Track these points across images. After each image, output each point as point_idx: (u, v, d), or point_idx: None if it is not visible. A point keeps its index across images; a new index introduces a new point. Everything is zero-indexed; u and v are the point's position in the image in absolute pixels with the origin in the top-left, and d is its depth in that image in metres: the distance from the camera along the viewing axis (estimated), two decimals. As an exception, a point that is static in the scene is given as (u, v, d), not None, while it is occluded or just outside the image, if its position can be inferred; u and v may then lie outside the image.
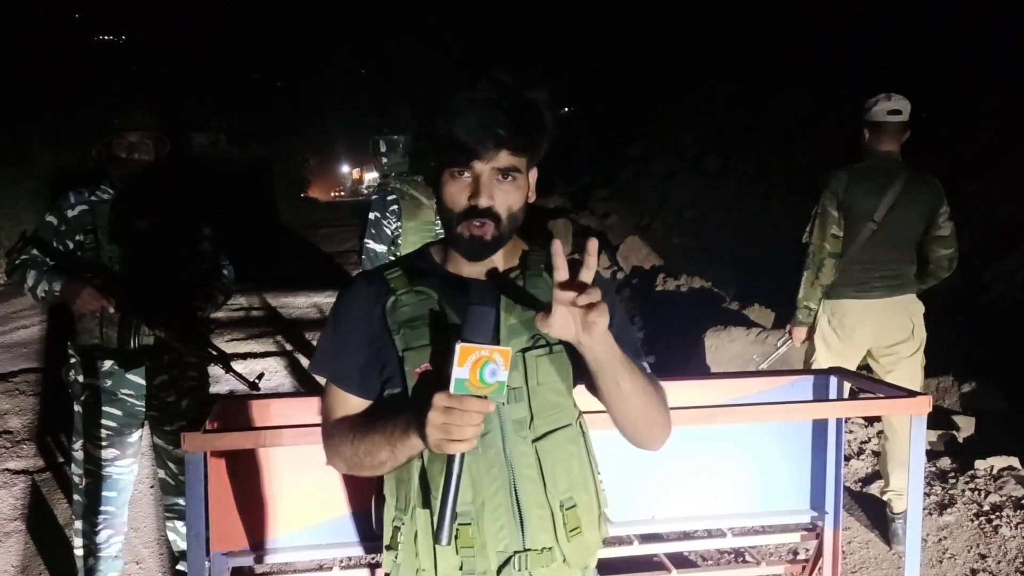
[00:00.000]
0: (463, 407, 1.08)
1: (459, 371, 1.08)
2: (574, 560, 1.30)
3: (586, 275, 1.11)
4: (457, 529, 1.21)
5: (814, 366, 3.35)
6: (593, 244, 1.13)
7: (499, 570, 1.25)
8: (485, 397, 1.09)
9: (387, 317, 1.29)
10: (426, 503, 1.25)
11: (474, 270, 1.32)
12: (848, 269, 3.31)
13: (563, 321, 1.12)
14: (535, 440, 1.28)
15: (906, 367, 3.33)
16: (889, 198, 3.24)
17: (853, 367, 3.36)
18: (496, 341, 1.18)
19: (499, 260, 1.33)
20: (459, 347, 1.08)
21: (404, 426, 1.17)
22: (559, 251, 1.11)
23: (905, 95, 3.32)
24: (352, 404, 1.34)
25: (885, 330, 3.33)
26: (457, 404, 1.08)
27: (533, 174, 1.33)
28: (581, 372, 1.34)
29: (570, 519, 1.29)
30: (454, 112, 1.20)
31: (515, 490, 1.26)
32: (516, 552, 1.26)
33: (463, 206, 1.24)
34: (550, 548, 1.28)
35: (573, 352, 1.28)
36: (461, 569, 1.25)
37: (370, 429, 1.25)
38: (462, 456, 1.12)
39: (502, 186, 1.24)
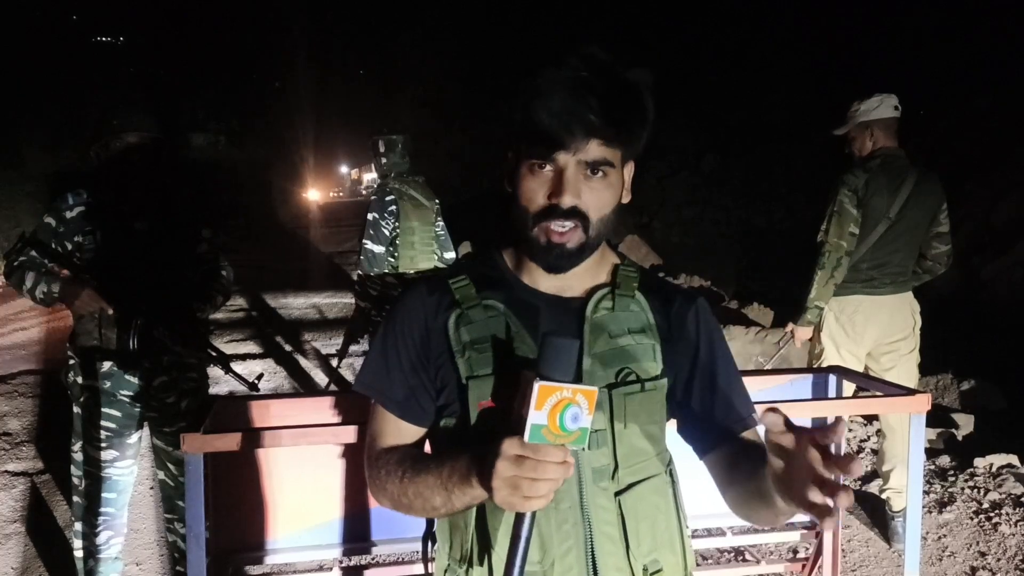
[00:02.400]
0: (539, 458, 0.88)
1: (536, 415, 0.89)
2: None
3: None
4: None
5: (825, 365, 3.34)
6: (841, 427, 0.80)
7: None
8: (563, 446, 0.91)
9: (450, 334, 1.09)
10: (483, 561, 1.06)
11: (554, 284, 1.13)
12: (858, 266, 3.30)
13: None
14: (618, 493, 1.07)
15: (905, 364, 3.34)
16: (902, 195, 3.23)
17: (860, 366, 3.37)
18: (578, 378, 0.96)
19: (584, 273, 1.13)
20: (538, 386, 0.88)
21: (464, 472, 0.98)
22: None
23: (904, 94, 3.36)
24: (402, 431, 1.15)
25: (891, 327, 3.33)
26: (532, 454, 0.88)
27: (629, 170, 1.13)
28: (678, 414, 1.18)
29: None
30: (537, 93, 1.01)
31: (591, 550, 1.06)
32: None
33: (541, 204, 1.04)
34: None
35: (672, 390, 1.12)
36: None
37: (422, 469, 1.06)
38: (533, 515, 0.93)
39: (590, 183, 1.04)
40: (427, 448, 1.19)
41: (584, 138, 1.00)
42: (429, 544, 1.25)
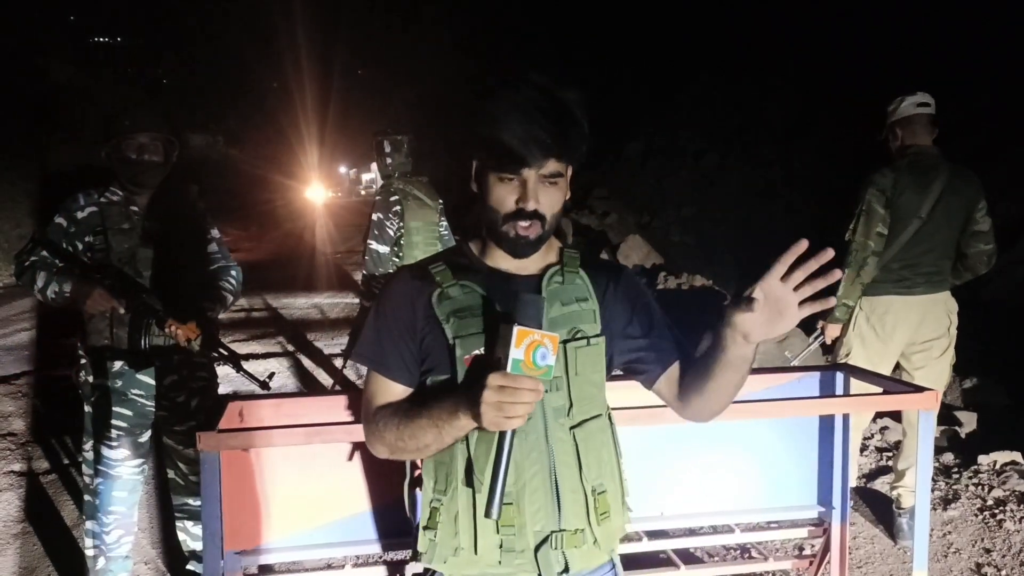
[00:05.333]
0: (516, 385, 1.14)
1: (516, 352, 1.14)
2: (603, 542, 1.38)
3: (800, 273, 1.19)
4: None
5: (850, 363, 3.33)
6: (802, 245, 1.19)
7: (536, 548, 1.33)
8: (534, 378, 1.16)
9: (434, 308, 1.35)
10: (469, 482, 1.30)
11: (514, 265, 1.40)
12: (889, 266, 3.27)
13: (762, 315, 1.22)
14: (572, 427, 1.35)
15: (936, 365, 3.32)
16: (934, 194, 3.19)
17: (887, 365, 3.35)
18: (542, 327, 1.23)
19: (537, 256, 1.40)
20: (516, 329, 1.15)
21: (452, 408, 1.24)
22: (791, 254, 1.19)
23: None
24: (394, 391, 1.39)
25: (923, 327, 3.30)
26: (512, 383, 1.14)
27: (570, 173, 1.40)
28: (629, 360, 1.47)
29: (600, 503, 1.37)
30: (501, 117, 1.27)
31: (554, 474, 1.33)
32: (552, 532, 1.33)
33: (510, 208, 1.32)
34: (582, 530, 1.35)
35: (608, 346, 1.41)
36: (501, 547, 1.32)
37: (415, 414, 1.30)
38: (512, 434, 1.20)
39: (547, 190, 1.32)
40: None
41: (544, 158, 1.28)
42: (416, 491, 1.47)
